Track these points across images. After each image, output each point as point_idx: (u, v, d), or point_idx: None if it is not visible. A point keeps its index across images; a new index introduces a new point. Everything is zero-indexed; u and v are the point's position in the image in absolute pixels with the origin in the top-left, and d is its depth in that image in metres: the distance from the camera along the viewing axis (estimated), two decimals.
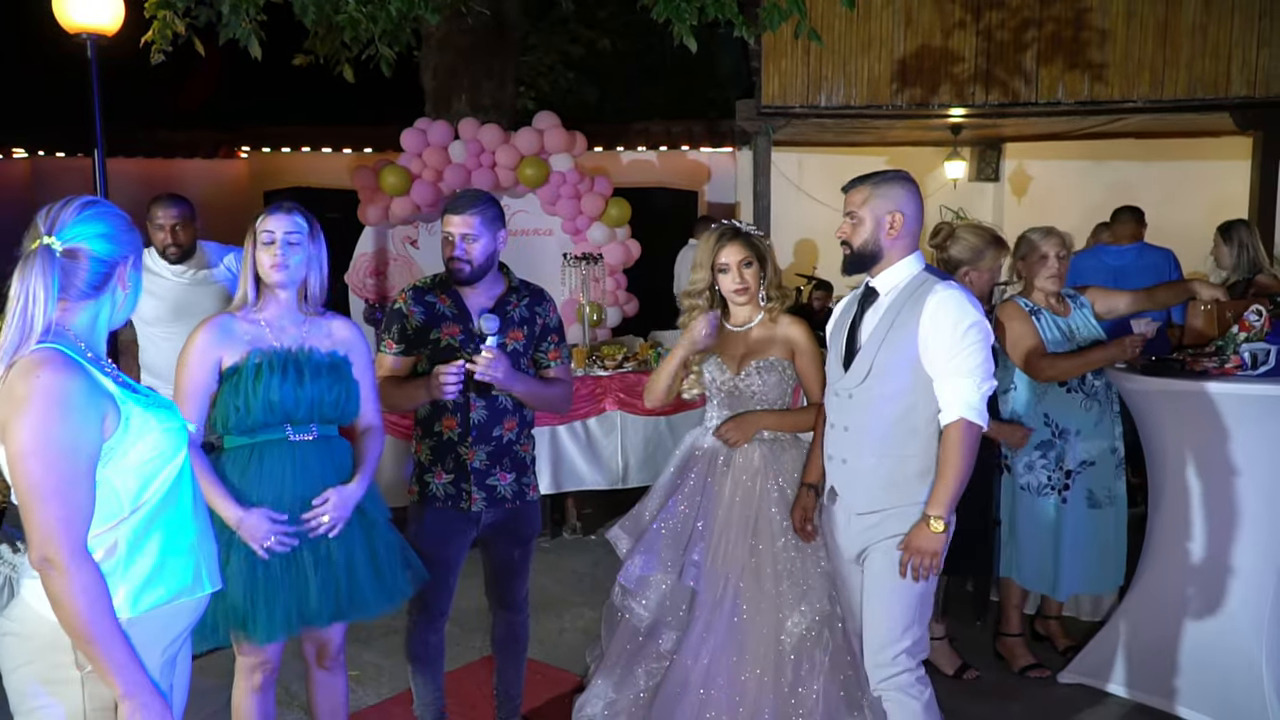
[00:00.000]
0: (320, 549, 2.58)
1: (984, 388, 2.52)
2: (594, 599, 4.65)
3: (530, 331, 2.99)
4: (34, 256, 1.74)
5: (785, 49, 7.37)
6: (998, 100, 7.50)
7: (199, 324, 2.57)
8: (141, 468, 1.82)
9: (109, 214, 1.86)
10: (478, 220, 2.82)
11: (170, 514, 1.88)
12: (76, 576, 1.68)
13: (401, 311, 2.93)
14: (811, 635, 2.92)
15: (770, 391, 3.07)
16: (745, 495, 3.03)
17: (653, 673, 3.09)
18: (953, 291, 2.57)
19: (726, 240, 3.06)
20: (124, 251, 1.86)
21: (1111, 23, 7.33)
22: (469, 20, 6.96)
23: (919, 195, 2.69)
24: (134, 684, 1.74)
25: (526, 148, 7.45)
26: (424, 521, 2.99)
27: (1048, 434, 3.69)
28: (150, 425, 1.83)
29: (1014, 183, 10.12)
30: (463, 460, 2.94)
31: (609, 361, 5.68)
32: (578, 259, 6.51)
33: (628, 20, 10.61)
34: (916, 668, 2.60)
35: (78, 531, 1.71)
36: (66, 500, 1.69)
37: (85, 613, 1.69)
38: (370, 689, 3.79)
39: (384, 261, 7.92)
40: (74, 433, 1.70)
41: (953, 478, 2.51)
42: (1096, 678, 3.69)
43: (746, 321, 3.12)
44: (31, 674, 1.78)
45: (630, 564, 3.11)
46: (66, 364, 1.72)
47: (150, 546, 1.84)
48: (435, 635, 3.11)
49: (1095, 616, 4.23)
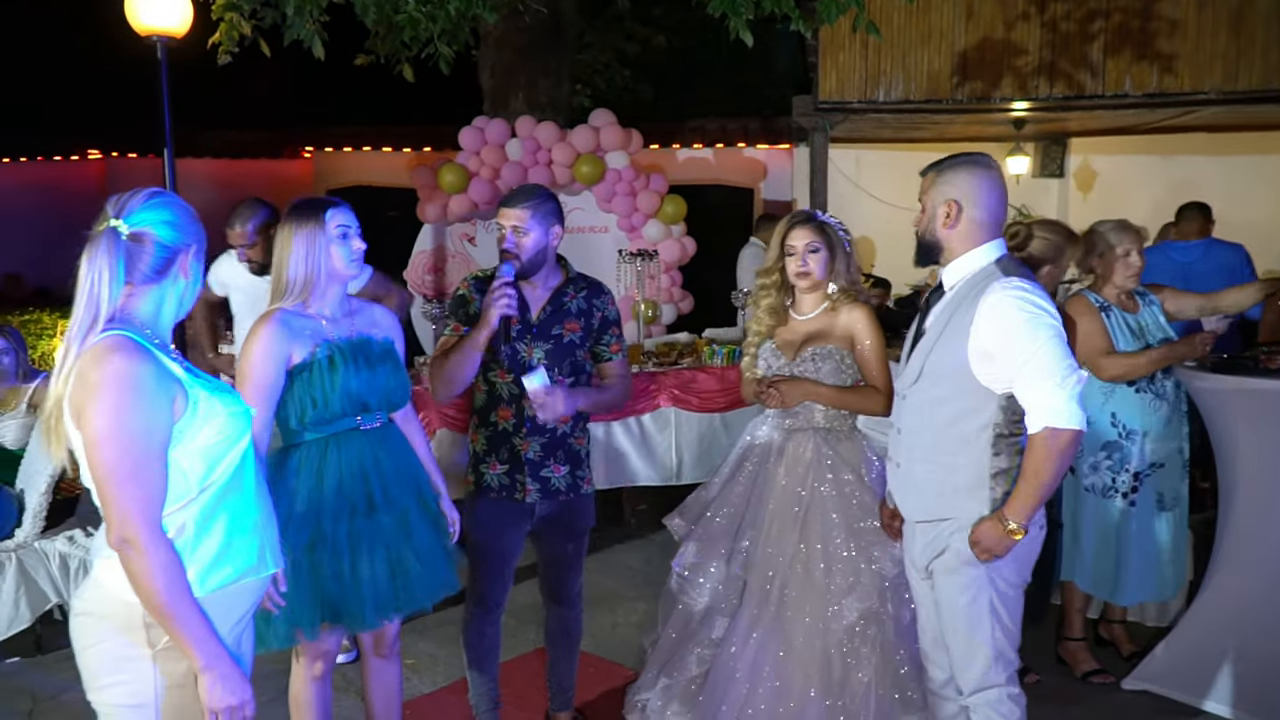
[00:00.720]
0: (394, 540, 2.62)
1: (1067, 386, 2.30)
2: (647, 594, 4.65)
3: (588, 324, 3.00)
4: (100, 238, 1.80)
5: (842, 43, 7.29)
6: (1062, 93, 7.32)
7: (260, 320, 2.56)
8: (208, 450, 1.87)
9: (174, 203, 1.92)
10: (529, 214, 2.84)
11: (235, 496, 1.93)
12: (155, 555, 1.74)
13: (464, 297, 2.98)
14: (859, 630, 2.87)
15: (826, 379, 3.01)
16: (797, 486, 2.99)
17: (704, 659, 3.08)
18: (1010, 291, 2.36)
19: (797, 224, 3.05)
20: (187, 240, 1.91)
21: (1182, 12, 7.11)
22: (526, 19, 7.01)
23: (993, 181, 2.49)
24: (213, 656, 1.80)
25: (582, 145, 7.49)
26: (478, 512, 3.02)
27: (1114, 435, 3.61)
28: (216, 409, 1.88)
29: (1079, 179, 9.89)
30: (517, 451, 2.96)
31: (664, 358, 5.67)
32: (633, 255, 6.52)
33: (683, 17, 10.60)
34: (1006, 683, 2.50)
35: (154, 512, 1.76)
36: (142, 482, 1.75)
37: (164, 590, 1.75)
38: (425, 678, 3.84)
39: (442, 259, 8.01)
40: (146, 417, 1.75)
41: (1034, 485, 2.34)
42: (1162, 684, 3.59)
43: (811, 311, 3.08)
44: (104, 652, 1.84)
45: (684, 550, 3.13)
46: (136, 349, 1.77)
47: (217, 527, 1.89)
48: (491, 627, 3.14)
49: (1161, 622, 4.12)
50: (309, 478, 2.55)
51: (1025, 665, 3.72)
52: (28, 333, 6.66)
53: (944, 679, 2.65)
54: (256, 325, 2.55)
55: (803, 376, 3.02)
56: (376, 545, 2.59)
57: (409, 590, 2.66)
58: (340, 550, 2.54)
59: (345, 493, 2.56)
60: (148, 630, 1.82)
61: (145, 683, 1.83)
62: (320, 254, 2.56)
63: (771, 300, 3.13)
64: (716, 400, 5.57)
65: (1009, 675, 2.52)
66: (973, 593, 2.48)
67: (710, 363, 5.68)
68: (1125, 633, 4.00)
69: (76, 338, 1.77)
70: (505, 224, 2.87)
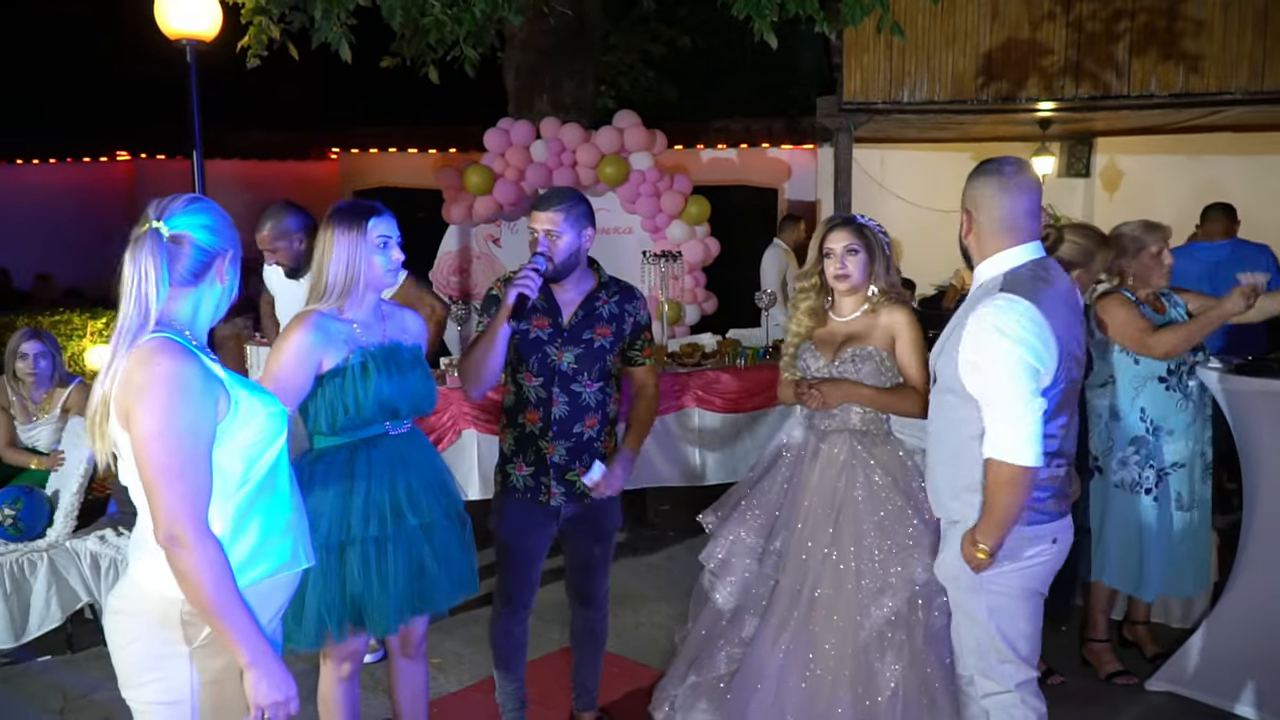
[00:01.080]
0: (418, 542, 2.66)
1: (1015, 421, 2.31)
2: (670, 594, 4.68)
3: (619, 329, 3.02)
4: (144, 238, 1.83)
5: (867, 44, 7.29)
6: (1088, 94, 7.30)
7: (296, 321, 2.58)
8: (247, 450, 1.91)
9: (213, 209, 1.96)
10: (561, 217, 2.85)
11: (270, 494, 1.97)
12: (202, 552, 1.77)
13: (497, 298, 2.97)
14: (888, 635, 2.86)
15: (866, 380, 3.00)
16: (830, 488, 2.98)
17: (733, 658, 3.08)
18: (989, 308, 2.35)
19: (835, 226, 3.04)
20: (224, 245, 1.95)
21: (1208, 12, 7.08)
22: (551, 21, 7.05)
23: (1003, 187, 2.45)
24: (259, 651, 1.83)
25: (607, 146, 7.52)
26: (504, 513, 3.06)
27: (1142, 430, 3.61)
28: (256, 409, 1.92)
29: (1105, 178, 9.83)
30: (543, 454, 2.98)
31: (688, 359, 5.69)
32: (657, 256, 6.54)
33: (708, 17, 10.60)
34: (1018, 688, 2.52)
35: (200, 509, 1.80)
36: (189, 480, 1.78)
37: (211, 586, 1.78)
38: (452, 676, 3.88)
39: (467, 260, 8.07)
40: (193, 416, 1.79)
41: (990, 513, 2.38)
42: (1186, 685, 3.58)
43: (850, 313, 3.06)
44: (141, 650, 1.87)
45: (715, 548, 3.13)
46: (181, 351, 1.82)
47: (253, 524, 1.93)
48: (519, 626, 3.17)
49: (1185, 623, 4.11)
50: (339, 482, 2.58)
51: (1049, 667, 3.73)
52: (58, 333, 6.76)
53: (969, 676, 2.67)
54: (292, 325, 2.56)
55: (843, 377, 3.02)
56: (401, 550, 2.62)
57: (430, 594, 2.70)
58: (368, 554, 2.58)
59: (374, 498, 2.60)
60: (185, 627, 1.85)
61: (181, 680, 1.86)
62: (360, 261, 2.57)
63: (811, 302, 3.11)
64: (740, 401, 5.58)
65: (1020, 680, 2.53)
66: (970, 595, 2.52)
67: (734, 364, 5.69)
68: (1149, 634, 3.99)
69: (125, 338, 1.81)
70: (538, 227, 2.88)
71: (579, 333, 2.96)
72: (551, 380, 2.91)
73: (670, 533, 5.62)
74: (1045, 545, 2.49)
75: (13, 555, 3.98)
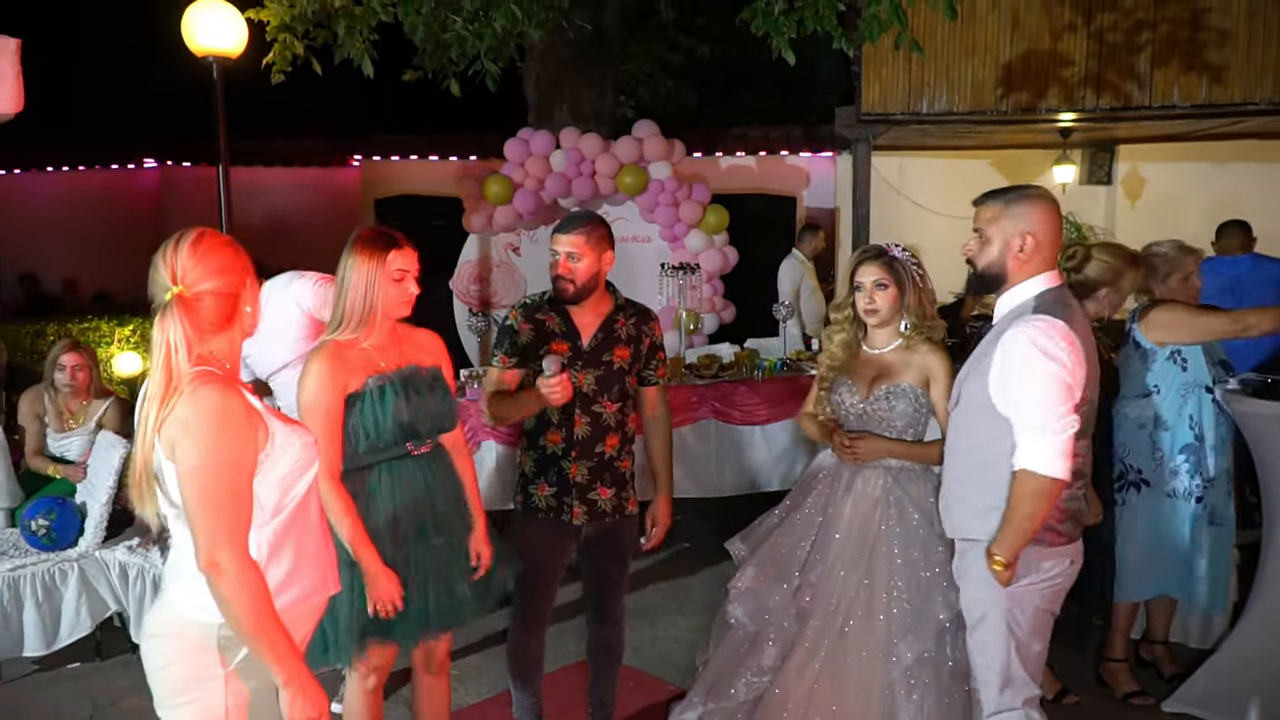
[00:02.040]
0: (445, 563, 2.72)
1: (1050, 435, 2.36)
2: (686, 607, 4.71)
3: (636, 350, 3.07)
4: (169, 308, 1.89)
5: (886, 56, 7.29)
6: (1109, 104, 7.27)
7: (315, 354, 2.62)
8: (283, 479, 1.98)
9: (219, 247, 1.99)
10: (584, 240, 2.91)
11: (302, 522, 2.04)
12: (243, 577, 1.84)
13: (513, 327, 3.04)
14: (914, 674, 2.85)
15: (899, 419, 3.01)
16: (863, 523, 2.99)
17: (753, 686, 3.08)
18: (1024, 328, 2.41)
19: (866, 260, 3.05)
20: (240, 277, 2.01)
21: (1233, 23, 7.04)
22: (571, 34, 7.10)
23: (1057, 214, 2.54)
24: (295, 671, 1.90)
25: (626, 156, 7.55)
26: (525, 532, 3.10)
27: (1191, 437, 3.64)
28: (292, 440, 1.99)
29: (1127, 186, 9.78)
30: (565, 474, 3.02)
31: (705, 372, 5.72)
32: (675, 269, 6.57)
33: (726, 26, 10.61)
34: (1023, 706, 2.55)
35: (242, 537, 1.87)
36: (231, 509, 1.86)
37: (251, 610, 1.85)
38: (470, 689, 3.93)
39: (487, 268, 8.13)
40: (235, 448, 1.87)
41: (1012, 525, 2.42)
42: (1204, 707, 3.57)
43: (884, 345, 3.06)
44: (178, 673, 1.94)
45: (742, 574, 3.16)
46: (224, 386, 1.89)
47: (286, 551, 2.00)
48: (536, 642, 3.21)
49: (1204, 644, 4.09)
50: (364, 502, 2.63)
51: (1065, 686, 3.74)
52: (86, 340, 6.85)
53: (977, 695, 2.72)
54: (312, 358, 2.61)
55: (879, 428, 3.03)
56: (429, 569, 2.68)
57: (456, 610, 2.75)
58: (396, 574, 2.62)
59: (400, 518, 2.66)
60: (221, 651, 1.92)
61: (216, 701, 1.93)
62: (377, 291, 2.62)
63: (845, 335, 3.12)
64: (758, 413, 5.60)
65: (1026, 698, 2.56)
66: (983, 611, 2.56)
67: (752, 376, 5.72)
68: (1167, 654, 3.98)
69: (155, 400, 1.87)
70: (560, 250, 2.94)
71: (598, 355, 3.01)
72: (573, 402, 2.94)
73: (685, 545, 5.64)
74: (1064, 565, 2.55)
75: (45, 565, 4.06)
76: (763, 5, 4.83)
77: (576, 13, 6.61)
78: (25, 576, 4.01)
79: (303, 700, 1.91)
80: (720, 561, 5.30)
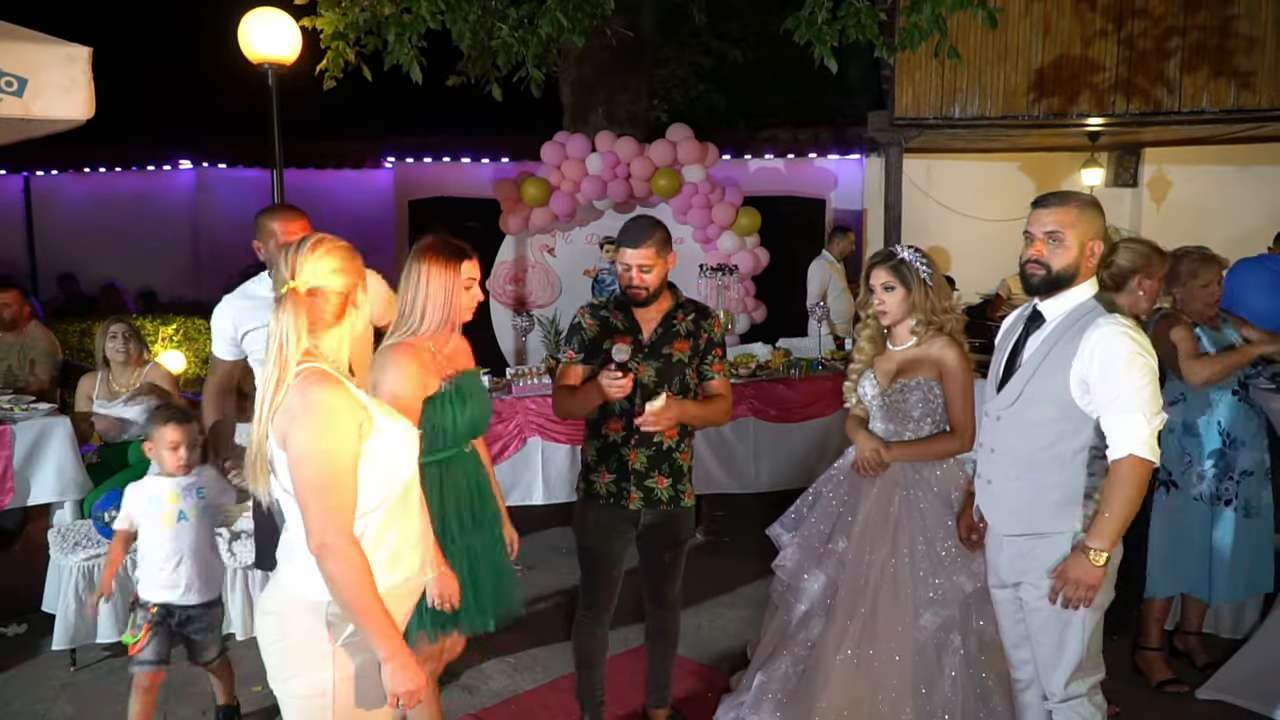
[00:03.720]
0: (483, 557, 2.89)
1: (1155, 422, 2.47)
2: (727, 598, 4.85)
3: (695, 345, 3.22)
4: (285, 300, 2.04)
5: (919, 61, 7.40)
6: (1139, 109, 7.38)
7: (394, 352, 2.72)
8: (386, 469, 2.12)
9: (336, 249, 2.15)
10: (654, 252, 3.07)
11: (404, 510, 2.19)
12: (349, 558, 1.98)
13: (580, 325, 3.22)
14: (943, 640, 3.07)
15: (915, 409, 3.22)
16: (887, 500, 3.22)
17: (800, 659, 3.29)
18: (1115, 326, 2.50)
19: (875, 264, 3.28)
20: (353, 280, 2.17)
21: (1261, 29, 7.13)
22: (612, 41, 7.24)
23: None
24: (396, 648, 2.04)
25: (660, 159, 7.69)
26: (587, 518, 3.26)
27: (1220, 443, 3.76)
28: (394, 432, 2.14)
29: (1153, 189, 9.86)
30: (625, 461, 3.17)
31: (742, 370, 5.86)
32: (714, 270, 6.71)
33: (758, 31, 10.74)
34: (1090, 693, 2.67)
35: (347, 521, 2.01)
36: (337, 495, 2.00)
37: (356, 589, 1.98)
38: (526, 676, 4.08)
39: (523, 269, 8.28)
40: (340, 438, 2.01)
41: (1119, 512, 2.49)
42: (1237, 694, 3.68)
43: (903, 342, 3.28)
44: (289, 647, 2.09)
45: (785, 557, 3.39)
46: (329, 381, 2.04)
47: (389, 536, 2.14)
48: (601, 628, 3.36)
49: (1235, 634, 4.21)
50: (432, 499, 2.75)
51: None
52: None
53: (1027, 680, 2.83)
54: (394, 355, 2.72)
55: (900, 418, 3.24)
56: (473, 560, 2.84)
57: (509, 594, 2.95)
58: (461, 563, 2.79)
59: (459, 512, 2.83)
60: (330, 628, 2.06)
61: (324, 676, 2.07)
62: (452, 300, 2.78)
63: (870, 332, 3.36)
64: (794, 411, 5.75)
65: (1092, 685, 2.68)
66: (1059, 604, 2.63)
67: (788, 375, 5.85)
68: (1201, 644, 4.10)
69: (268, 387, 2.02)
70: (631, 263, 3.07)
71: (658, 348, 3.17)
72: (634, 392, 3.08)
73: (726, 538, 5.78)
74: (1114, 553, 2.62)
75: None
76: (806, 15, 4.96)
77: (614, 18, 6.75)
78: (99, 566, 4.17)
79: (403, 675, 2.04)
80: (762, 556, 5.43)
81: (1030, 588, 2.68)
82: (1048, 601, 2.61)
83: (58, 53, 3.93)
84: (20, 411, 4.50)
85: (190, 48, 10.99)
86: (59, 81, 3.92)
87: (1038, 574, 2.65)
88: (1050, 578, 2.61)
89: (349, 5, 5.70)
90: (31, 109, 3.87)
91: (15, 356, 5.62)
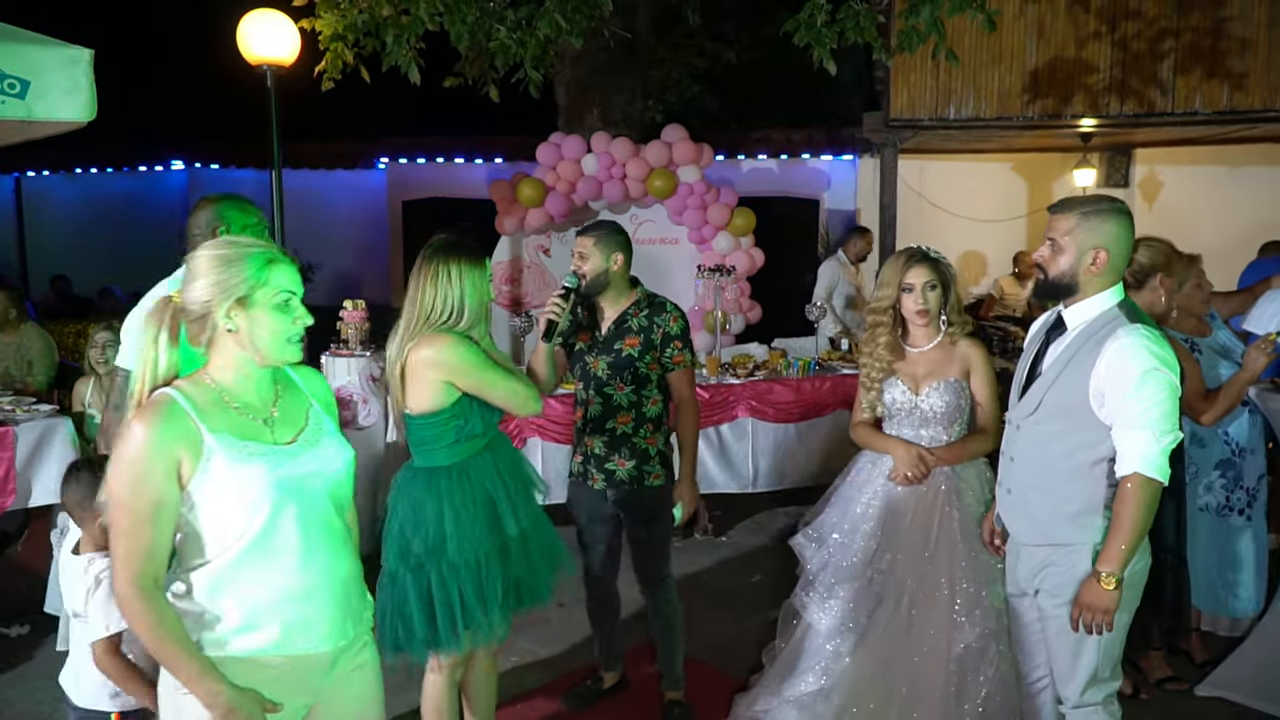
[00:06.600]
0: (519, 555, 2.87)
1: (1164, 441, 2.38)
2: (725, 600, 4.86)
3: (647, 339, 3.39)
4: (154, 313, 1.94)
5: (914, 62, 7.42)
6: (1132, 111, 7.44)
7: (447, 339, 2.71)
8: (227, 512, 1.92)
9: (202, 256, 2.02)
10: (591, 243, 3.32)
11: (263, 560, 1.96)
12: (133, 607, 1.84)
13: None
14: (976, 649, 3.00)
15: (949, 411, 3.15)
16: (926, 511, 3.13)
17: (828, 672, 3.21)
18: (1136, 337, 2.42)
19: (915, 262, 3.18)
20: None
21: (1253, 31, 7.20)
22: (609, 42, 7.25)
23: (1131, 230, 2.55)
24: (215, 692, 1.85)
25: (655, 160, 7.70)
26: (570, 494, 3.64)
27: (1227, 453, 3.79)
28: (242, 472, 1.92)
29: (1144, 189, 9.94)
30: (587, 446, 3.49)
31: (740, 370, 5.88)
32: (711, 271, 6.74)
33: (752, 32, 10.76)
34: (1105, 702, 2.65)
35: (137, 570, 1.84)
36: (128, 541, 1.85)
37: (149, 639, 1.86)
38: (531, 674, 4.09)
39: (518, 269, 8.29)
40: (137, 480, 1.84)
41: (1126, 533, 2.42)
42: (1236, 691, 3.71)
43: (927, 343, 3.21)
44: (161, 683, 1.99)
45: (809, 568, 3.31)
46: (151, 415, 1.86)
47: (245, 592, 1.94)
48: (601, 593, 3.67)
49: (1234, 632, 4.23)
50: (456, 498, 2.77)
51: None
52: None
53: (1040, 684, 2.83)
54: (450, 341, 2.71)
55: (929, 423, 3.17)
56: (506, 562, 2.82)
57: (536, 588, 2.94)
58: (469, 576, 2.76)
59: (498, 495, 2.82)
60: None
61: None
62: (484, 292, 2.82)
63: (888, 337, 3.23)
64: (792, 411, 5.76)
65: (1108, 694, 2.65)
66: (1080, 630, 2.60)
67: (786, 375, 5.87)
68: (1200, 642, 4.12)
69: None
70: (575, 250, 3.38)
71: (610, 344, 3.40)
72: (589, 385, 3.42)
73: (723, 539, 5.80)
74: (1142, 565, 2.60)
75: None
76: (805, 17, 4.98)
77: (611, 20, 6.76)
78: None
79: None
80: (760, 555, 5.46)
81: (1048, 596, 2.64)
82: (1065, 612, 2.58)
83: (60, 55, 3.94)
84: (22, 413, 4.49)
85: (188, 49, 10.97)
86: (61, 84, 3.93)
87: (1056, 584, 2.61)
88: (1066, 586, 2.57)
89: (348, 7, 5.70)
90: (34, 111, 3.88)
91: (13, 358, 5.61)
